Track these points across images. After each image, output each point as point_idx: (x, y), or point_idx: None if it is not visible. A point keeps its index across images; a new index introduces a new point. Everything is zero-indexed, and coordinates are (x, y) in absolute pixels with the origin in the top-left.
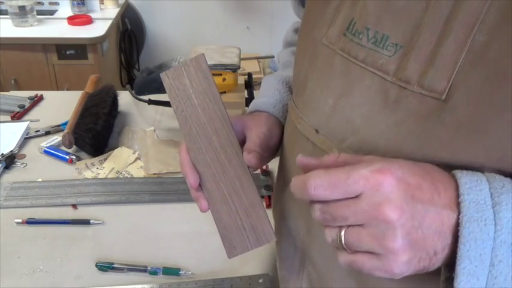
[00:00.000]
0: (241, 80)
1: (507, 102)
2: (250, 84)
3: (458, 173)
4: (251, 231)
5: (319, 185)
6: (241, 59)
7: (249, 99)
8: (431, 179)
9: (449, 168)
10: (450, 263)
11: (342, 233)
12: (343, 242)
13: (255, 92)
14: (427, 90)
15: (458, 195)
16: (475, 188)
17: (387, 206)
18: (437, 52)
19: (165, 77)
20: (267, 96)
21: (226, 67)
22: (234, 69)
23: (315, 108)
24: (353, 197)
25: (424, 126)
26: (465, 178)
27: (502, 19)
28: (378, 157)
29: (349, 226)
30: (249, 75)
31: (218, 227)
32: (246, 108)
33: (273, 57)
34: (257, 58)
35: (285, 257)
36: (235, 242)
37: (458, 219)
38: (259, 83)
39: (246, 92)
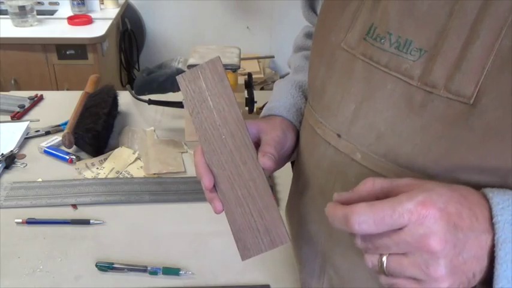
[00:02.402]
0: (241, 80)
1: None
2: (250, 84)
3: (489, 193)
4: (265, 233)
5: (363, 221)
6: (241, 59)
7: (249, 99)
8: (468, 204)
9: (476, 172)
10: (485, 280)
11: (384, 259)
12: (384, 268)
13: (255, 92)
14: (455, 95)
15: (491, 216)
16: (507, 208)
17: (431, 237)
18: (463, 57)
19: (181, 80)
20: (281, 100)
21: (226, 67)
22: (234, 69)
23: (336, 113)
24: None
25: (452, 130)
26: (497, 198)
27: None
28: (414, 180)
29: (390, 254)
30: (249, 75)
31: (232, 229)
32: (246, 108)
33: (273, 57)
34: (257, 58)
35: (306, 261)
36: (249, 244)
37: (493, 240)
38: (259, 83)
39: (246, 92)
